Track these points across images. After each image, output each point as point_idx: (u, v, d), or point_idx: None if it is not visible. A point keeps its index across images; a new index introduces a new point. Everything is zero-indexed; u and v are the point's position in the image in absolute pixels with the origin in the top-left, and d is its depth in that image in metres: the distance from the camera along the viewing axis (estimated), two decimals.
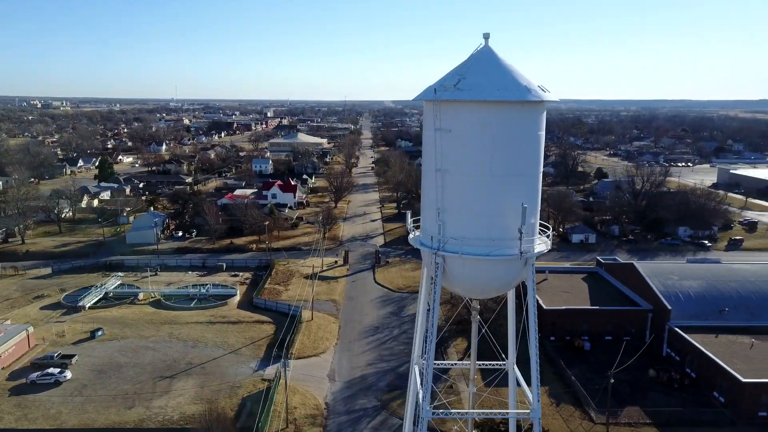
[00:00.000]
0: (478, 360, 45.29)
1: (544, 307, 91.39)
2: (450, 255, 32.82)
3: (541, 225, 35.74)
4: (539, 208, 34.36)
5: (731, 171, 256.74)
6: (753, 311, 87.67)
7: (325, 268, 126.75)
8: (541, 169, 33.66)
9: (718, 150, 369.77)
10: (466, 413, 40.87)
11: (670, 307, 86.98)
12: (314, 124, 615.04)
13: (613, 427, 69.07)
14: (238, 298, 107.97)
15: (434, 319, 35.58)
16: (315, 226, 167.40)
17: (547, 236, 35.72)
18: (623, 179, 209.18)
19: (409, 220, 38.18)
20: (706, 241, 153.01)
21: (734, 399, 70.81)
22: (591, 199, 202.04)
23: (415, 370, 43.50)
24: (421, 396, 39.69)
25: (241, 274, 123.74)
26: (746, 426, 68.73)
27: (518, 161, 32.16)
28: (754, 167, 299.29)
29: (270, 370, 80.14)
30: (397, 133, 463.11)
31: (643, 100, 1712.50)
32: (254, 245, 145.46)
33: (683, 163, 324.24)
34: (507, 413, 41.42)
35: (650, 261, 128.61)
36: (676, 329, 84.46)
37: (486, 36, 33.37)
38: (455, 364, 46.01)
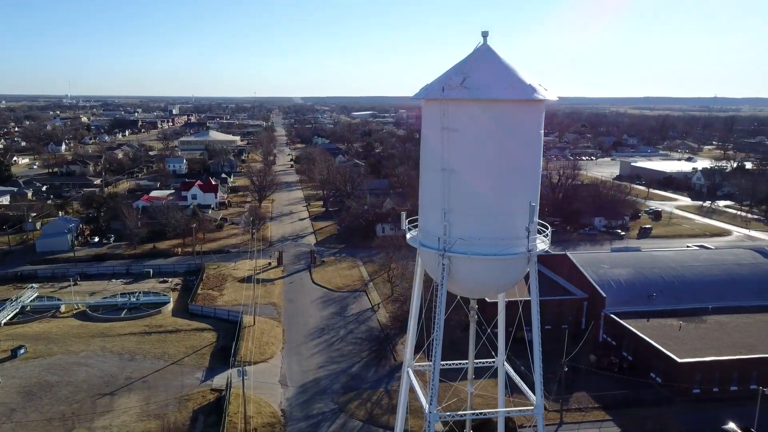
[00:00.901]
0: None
1: (488, 300, 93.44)
2: (458, 256, 32.49)
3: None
4: (539, 207, 34.76)
5: (632, 164, 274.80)
6: (677, 295, 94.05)
7: (259, 270, 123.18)
8: (541, 168, 34.08)
9: (616, 144, 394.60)
10: (474, 414, 40.65)
11: (605, 295, 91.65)
12: (224, 121, 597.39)
13: (565, 413, 71.89)
14: (171, 305, 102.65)
15: (440, 321, 35.23)
16: (241, 227, 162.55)
17: (545, 235, 36.22)
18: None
19: (405, 221, 37.53)
20: (620, 230, 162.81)
21: (671, 378, 75.61)
22: None
23: (409, 372, 42.90)
24: (423, 399, 39.28)
25: (170, 280, 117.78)
26: (682, 403, 73.57)
27: (523, 159, 32.38)
28: (650, 160, 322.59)
29: (219, 380, 76.76)
30: (313, 130, 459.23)
31: None
32: (179, 249, 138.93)
33: (587, 157, 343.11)
34: (509, 411, 41.53)
35: (575, 251, 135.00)
36: (612, 315, 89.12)
37: (485, 34, 33.27)
38: (451, 364, 45.74)
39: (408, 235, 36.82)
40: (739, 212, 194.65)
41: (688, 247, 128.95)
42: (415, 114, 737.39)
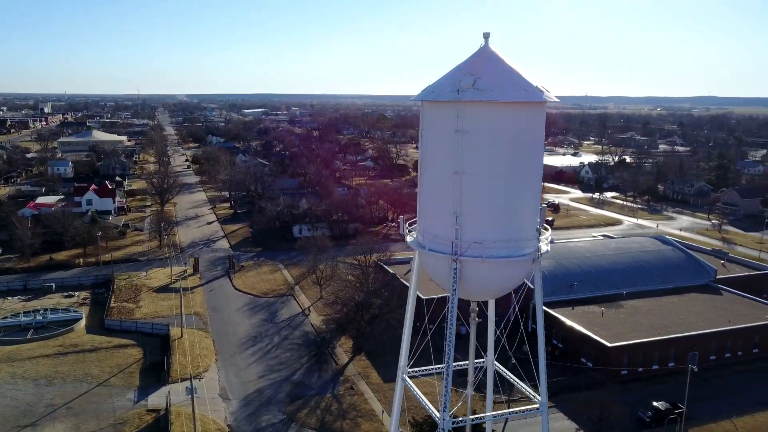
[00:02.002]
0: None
1: (423, 297, 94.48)
2: (472, 259, 32.23)
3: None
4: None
5: None
6: (595, 283, 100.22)
7: (175, 279, 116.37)
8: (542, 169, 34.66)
9: None
10: (483, 417, 40.51)
11: (532, 287, 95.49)
12: (106, 120, 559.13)
13: (511, 404, 74.03)
14: (84, 321, 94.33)
15: (452, 325, 34.81)
16: (146, 233, 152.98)
17: (546, 237, 36.81)
18: None
19: (404, 225, 36.73)
20: None
21: (601, 362, 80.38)
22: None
23: (406, 379, 42.11)
24: (431, 406, 38.75)
25: (76, 294, 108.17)
26: (613, 385, 78.43)
27: (529, 161, 32.75)
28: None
29: (154, 399, 71.56)
30: (205, 129, 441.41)
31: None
32: (80, 259, 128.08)
33: None
34: (515, 411, 41.79)
35: None
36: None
37: (486, 36, 33.26)
38: (440, 368, 45.23)
39: (408, 239, 36.07)
40: (624, 202, 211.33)
41: (594, 237, 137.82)
42: (309, 112, 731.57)
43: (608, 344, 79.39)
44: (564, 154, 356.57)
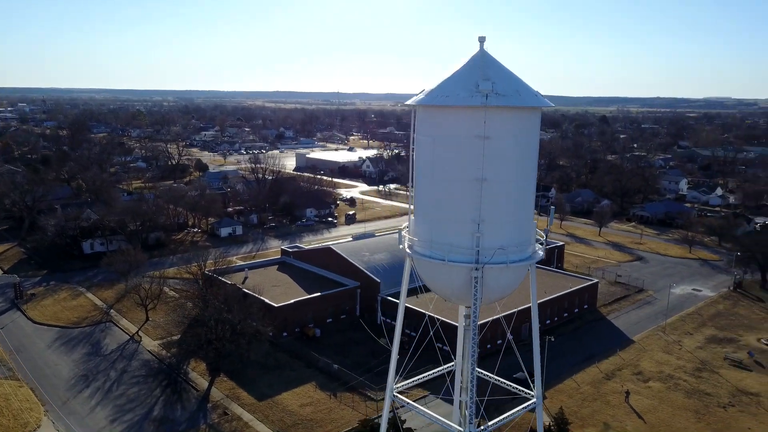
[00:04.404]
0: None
1: (275, 305, 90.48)
2: (495, 266, 32.05)
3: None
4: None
5: (307, 156, 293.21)
6: None
7: None
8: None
9: (278, 137, 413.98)
10: (497, 422, 39.70)
11: (379, 280, 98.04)
12: None
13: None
14: None
15: (475, 336, 34.02)
16: None
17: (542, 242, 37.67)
18: (238, 171, 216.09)
19: (403, 237, 34.83)
20: (331, 219, 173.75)
21: (455, 344, 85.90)
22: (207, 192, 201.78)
23: (400, 398, 39.93)
24: (445, 420, 37.34)
25: None
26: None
27: (532, 164, 33.68)
28: (313, 150, 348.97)
29: None
30: None
31: (178, 90, 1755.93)
32: None
33: (257, 150, 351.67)
34: (515, 412, 41.66)
35: (302, 242, 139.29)
36: (389, 298, 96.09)
37: (481, 39, 33.18)
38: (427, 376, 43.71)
39: (405, 246, 34.35)
40: (407, 192, 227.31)
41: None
42: (42, 109, 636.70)
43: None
44: (336, 150, 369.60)
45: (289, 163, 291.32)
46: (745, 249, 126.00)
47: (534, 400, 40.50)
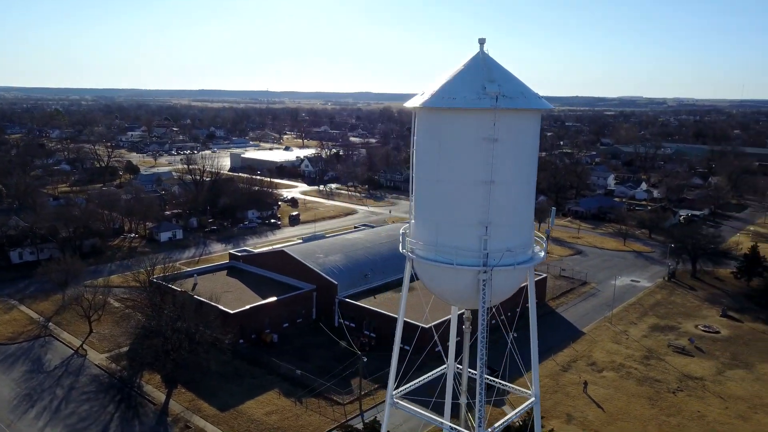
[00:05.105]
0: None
1: (231, 311, 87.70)
2: (503, 269, 32.05)
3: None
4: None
5: (242, 156, 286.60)
6: (383, 271, 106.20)
7: None
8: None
9: (210, 137, 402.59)
10: (502, 423, 39.35)
11: (336, 282, 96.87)
12: None
13: (355, 403, 74.57)
14: None
15: (484, 340, 33.80)
16: None
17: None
18: (172, 173, 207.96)
19: (405, 242, 34.29)
20: (274, 220, 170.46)
21: (419, 344, 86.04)
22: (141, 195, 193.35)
23: (402, 404, 39.19)
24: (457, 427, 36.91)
25: None
26: (432, 362, 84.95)
27: (534, 166, 33.92)
28: (246, 150, 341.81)
29: None
30: None
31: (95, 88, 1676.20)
32: None
33: (189, 151, 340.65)
34: (517, 412, 41.62)
35: (246, 245, 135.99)
36: (347, 300, 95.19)
37: (481, 41, 33.14)
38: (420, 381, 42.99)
39: (406, 251, 33.84)
40: (348, 192, 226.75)
41: (356, 227, 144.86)
42: None
43: (425, 326, 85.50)
44: (271, 149, 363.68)
45: (223, 163, 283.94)
46: (676, 240, 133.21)
47: (533, 399, 40.74)
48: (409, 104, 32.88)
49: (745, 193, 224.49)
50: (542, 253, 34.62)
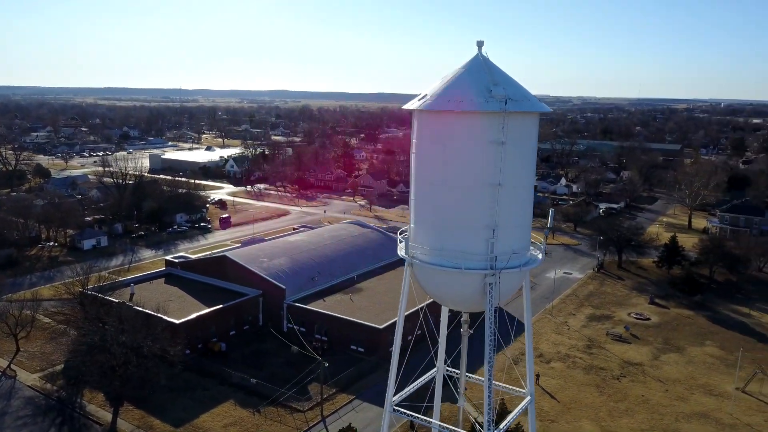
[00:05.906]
0: None
1: (177, 321, 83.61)
2: (511, 271, 32.12)
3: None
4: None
5: (162, 157, 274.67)
6: (331, 272, 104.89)
7: None
8: None
9: (124, 137, 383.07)
10: (506, 423, 39.01)
11: (284, 287, 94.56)
12: None
13: (316, 409, 73.13)
14: None
15: (491, 343, 33.67)
16: None
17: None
18: (87, 176, 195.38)
19: (403, 247, 33.64)
20: (204, 223, 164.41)
21: (373, 345, 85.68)
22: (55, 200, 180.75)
23: (400, 410, 38.33)
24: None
25: None
26: (387, 364, 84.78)
27: (533, 168, 34.23)
28: (165, 150, 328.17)
29: None
30: None
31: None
32: None
33: (102, 152, 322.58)
34: (517, 411, 41.40)
35: (178, 251, 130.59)
36: (296, 304, 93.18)
37: (480, 43, 33.10)
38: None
39: (417, 258, 33.28)
40: (278, 192, 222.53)
41: (295, 228, 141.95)
42: None
43: (379, 327, 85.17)
44: (191, 149, 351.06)
45: (143, 164, 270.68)
46: (602, 233, 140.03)
47: (528, 398, 41.27)
48: (410, 106, 32.34)
49: (655, 186, 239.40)
50: (540, 255, 35.08)
